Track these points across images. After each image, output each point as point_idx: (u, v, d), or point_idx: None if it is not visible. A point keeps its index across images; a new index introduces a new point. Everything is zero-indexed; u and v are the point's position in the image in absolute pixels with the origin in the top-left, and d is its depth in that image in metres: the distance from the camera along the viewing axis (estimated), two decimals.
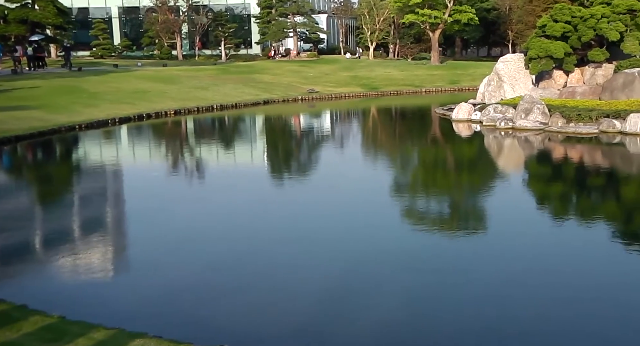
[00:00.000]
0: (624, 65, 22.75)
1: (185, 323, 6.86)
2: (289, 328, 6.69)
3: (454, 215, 11.81)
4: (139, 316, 7.02)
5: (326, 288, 7.73)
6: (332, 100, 38.26)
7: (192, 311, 7.17)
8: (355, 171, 16.32)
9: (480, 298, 7.32)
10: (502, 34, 62.20)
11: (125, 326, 6.47)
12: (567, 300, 7.21)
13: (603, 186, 13.77)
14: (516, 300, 7.25)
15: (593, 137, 19.02)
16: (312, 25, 57.65)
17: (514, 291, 7.51)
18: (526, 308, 7.00)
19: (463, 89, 40.82)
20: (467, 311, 6.97)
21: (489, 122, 22.43)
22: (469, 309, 7.04)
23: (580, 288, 7.57)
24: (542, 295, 7.35)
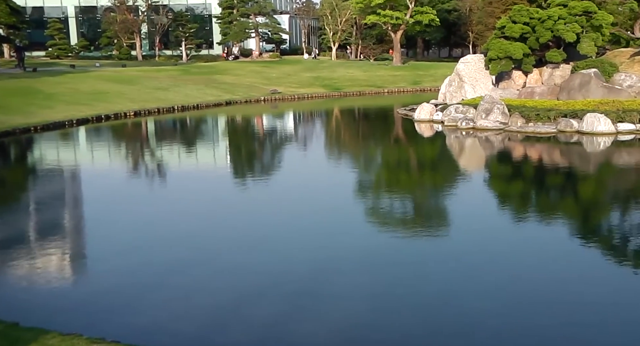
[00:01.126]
0: (581, 66, 23.25)
1: (143, 327, 6.69)
2: (249, 331, 6.54)
3: (417, 214, 11.83)
4: (97, 321, 6.80)
5: (286, 289, 7.62)
6: (295, 101, 38.14)
7: (149, 315, 6.97)
8: (319, 172, 16.24)
9: (442, 296, 7.31)
10: (462, 35, 63.15)
11: (82, 331, 6.29)
12: (527, 297, 7.26)
13: (561, 184, 14.00)
14: (478, 297, 7.26)
15: (551, 137, 19.37)
16: (274, 25, 57.44)
17: (476, 288, 7.52)
18: (487, 306, 7.01)
19: (425, 90, 41.20)
20: (429, 310, 6.95)
21: (451, 122, 22.65)
22: (431, 307, 7.02)
23: (541, 286, 7.63)
24: (503, 292, 7.39)
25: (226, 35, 56.08)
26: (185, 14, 58.27)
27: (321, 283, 7.85)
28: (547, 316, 6.71)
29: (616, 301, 7.10)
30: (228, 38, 55.92)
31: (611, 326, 6.48)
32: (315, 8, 65.96)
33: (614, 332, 6.36)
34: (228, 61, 52.79)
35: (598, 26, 23.91)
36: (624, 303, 7.02)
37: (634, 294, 7.30)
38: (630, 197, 12.41)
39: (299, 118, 32.72)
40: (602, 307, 6.94)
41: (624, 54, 24.85)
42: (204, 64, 50.23)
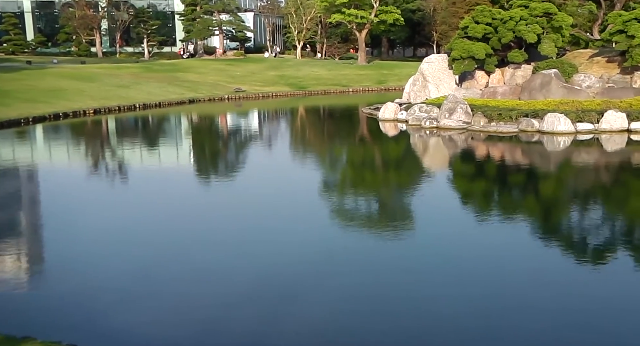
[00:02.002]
0: (542, 66, 23.58)
1: (101, 330, 6.47)
2: (212, 334, 6.35)
3: (381, 213, 11.78)
4: (52, 324, 6.54)
5: (250, 291, 7.44)
6: (260, 100, 37.86)
7: (108, 318, 6.72)
8: (283, 171, 16.09)
9: (405, 296, 7.25)
10: (427, 34, 63.66)
11: (38, 335, 6.12)
12: (489, 295, 7.24)
13: (523, 183, 14.13)
14: (440, 296, 7.21)
15: (513, 136, 19.58)
16: (238, 23, 56.95)
17: (439, 287, 7.48)
18: (451, 304, 6.96)
19: (390, 89, 41.39)
20: (392, 309, 6.86)
21: (415, 121, 22.73)
22: (395, 307, 6.93)
23: (500, 283, 7.63)
24: (467, 291, 7.36)
25: (189, 32, 55.37)
26: (147, 11, 57.33)
27: (282, 285, 7.69)
28: (509, 312, 6.70)
29: (579, 295, 7.13)
30: (191, 35, 55.22)
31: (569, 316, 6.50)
32: (280, 6, 65.56)
33: (570, 324, 6.38)
34: (184, 59, 52.03)
35: (558, 27, 24.30)
36: (584, 298, 7.05)
37: (595, 290, 7.34)
38: (589, 195, 12.58)
39: (263, 117, 32.46)
40: (560, 302, 6.96)
41: (583, 55, 25.33)
42: (167, 61, 49.51)
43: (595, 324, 6.53)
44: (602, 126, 19.18)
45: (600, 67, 23.79)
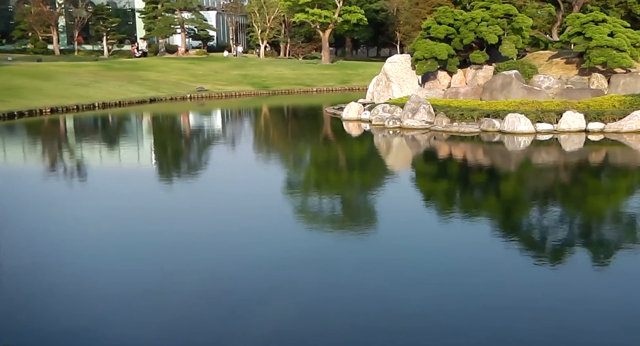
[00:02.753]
0: (502, 67, 23.89)
1: (48, 334, 6.22)
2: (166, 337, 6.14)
3: (345, 214, 11.70)
4: None
5: (210, 292, 7.24)
6: (223, 99, 37.47)
7: (56, 321, 6.44)
8: (246, 171, 15.88)
9: (368, 296, 7.17)
10: (390, 35, 64.10)
11: None
12: (455, 295, 7.21)
13: (485, 182, 14.24)
14: (404, 296, 7.15)
15: (475, 136, 19.75)
16: (200, 21, 56.31)
17: (401, 287, 7.42)
18: (417, 304, 6.91)
19: (353, 89, 41.46)
20: (356, 309, 6.77)
21: (378, 121, 22.76)
22: (358, 307, 6.84)
23: (464, 282, 7.61)
24: (430, 291, 7.33)
25: (150, 30, 54.48)
26: (106, 8, 56.17)
27: (243, 285, 7.51)
28: (467, 309, 6.67)
29: (538, 293, 7.16)
30: (152, 33, 54.37)
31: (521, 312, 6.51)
32: (243, 5, 65.11)
33: (522, 318, 6.39)
34: (137, 57, 51.05)
35: (518, 29, 24.65)
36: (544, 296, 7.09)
37: (551, 288, 7.39)
38: (549, 195, 12.74)
39: (226, 117, 32.10)
40: (520, 299, 6.98)
41: (542, 56, 25.76)
42: (127, 59, 48.62)
43: (554, 322, 6.55)
44: (561, 126, 19.50)
45: (559, 68, 24.23)
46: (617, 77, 22.69)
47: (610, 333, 6.30)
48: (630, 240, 9.46)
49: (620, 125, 19.16)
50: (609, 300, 7.07)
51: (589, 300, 7.11)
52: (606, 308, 6.87)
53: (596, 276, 7.98)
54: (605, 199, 12.38)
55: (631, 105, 20.34)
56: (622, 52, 21.76)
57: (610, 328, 6.40)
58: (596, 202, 12.23)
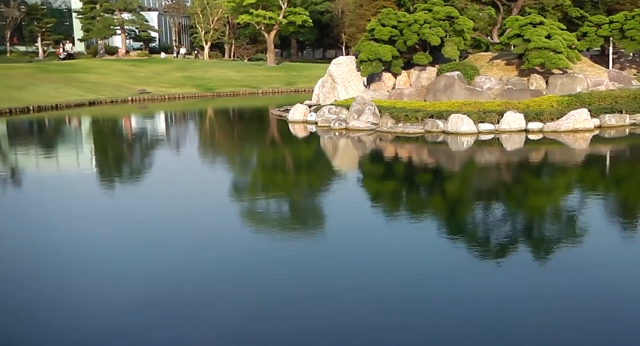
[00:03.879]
0: (445, 69, 24.23)
1: None
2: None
3: (292, 216, 11.55)
4: None
5: (158, 296, 6.94)
6: (166, 101, 36.69)
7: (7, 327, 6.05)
8: (190, 175, 15.53)
9: (315, 298, 7.06)
10: (336, 36, 64.37)
11: None
12: (401, 295, 7.17)
13: (430, 182, 14.35)
14: (353, 296, 7.07)
15: (419, 137, 19.93)
16: (141, 22, 55.07)
17: (347, 289, 7.32)
18: (362, 305, 6.82)
19: (299, 90, 41.36)
20: (301, 311, 6.62)
21: (324, 122, 22.71)
22: (302, 308, 6.70)
23: (410, 282, 7.58)
24: (374, 291, 7.30)
25: (88, 31, 52.88)
26: (40, 8, 54.16)
27: (190, 290, 7.24)
28: (414, 309, 6.63)
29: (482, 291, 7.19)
30: (91, 35, 52.80)
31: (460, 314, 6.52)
32: (186, 6, 64.05)
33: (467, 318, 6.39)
34: (61, 60, 49.18)
35: (460, 31, 25.07)
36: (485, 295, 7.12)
37: (493, 285, 7.44)
38: (492, 193, 12.92)
39: (170, 119, 31.42)
40: (465, 297, 6.99)
41: (484, 58, 26.29)
42: (64, 61, 46.99)
43: (498, 318, 6.57)
44: (502, 126, 19.89)
45: (500, 69, 24.77)
46: (554, 78, 23.35)
47: (554, 327, 6.37)
48: (570, 236, 9.66)
49: (558, 124, 19.70)
50: (551, 296, 7.16)
51: (532, 297, 7.19)
52: (549, 304, 6.95)
53: (538, 272, 8.09)
54: (545, 197, 12.65)
55: (568, 105, 20.96)
56: (559, 54, 22.41)
57: (554, 323, 6.47)
58: (537, 199, 12.48)
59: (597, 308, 6.80)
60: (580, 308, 6.84)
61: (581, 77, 23.35)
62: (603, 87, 23.45)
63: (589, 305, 6.89)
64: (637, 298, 7.05)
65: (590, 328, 6.39)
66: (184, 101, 37.54)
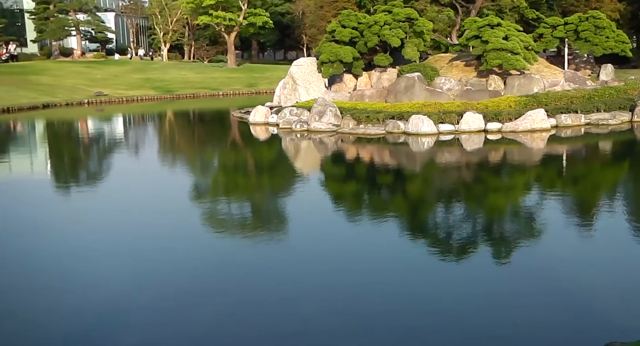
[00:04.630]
0: (406, 70, 24.35)
1: None
2: None
3: (254, 218, 11.41)
4: None
5: (113, 302, 6.71)
6: (124, 104, 35.97)
7: None
8: (150, 179, 15.22)
9: (274, 300, 6.99)
10: (297, 38, 64.23)
11: None
12: (363, 296, 7.13)
13: (391, 183, 14.37)
14: (309, 298, 7.02)
15: (381, 138, 19.97)
16: (97, 23, 53.90)
17: (309, 289, 7.25)
18: (328, 307, 6.75)
19: (260, 92, 41.08)
20: (259, 313, 6.50)
21: (286, 124, 22.56)
22: (261, 311, 6.58)
23: (371, 283, 7.55)
24: (341, 293, 7.26)
25: (42, 32, 51.47)
26: None
27: (149, 295, 7.03)
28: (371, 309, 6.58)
29: (446, 292, 7.18)
30: (45, 35, 51.42)
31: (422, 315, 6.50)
32: (144, 6, 62.97)
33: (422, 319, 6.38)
34: (3, 62, 47.40)
35: (420, 32, 25.24)
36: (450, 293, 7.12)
37: (456, 284, 7.45)
38: (452, 193, 13.00)
39: (128, 122, 30.79)
40: (426, 297, 6.98)
41: (443, 59, 26.53)
42: (16, 63, 45.63)
43: (458, 318, 6.56)
44: (462, 127, 20.08)
45: (459, 70, 25.04)
46: (512, 78, 23.72)
47: (513, 325, 6.40)
48: (529, 234, 9.76)
49: (516, 124, 19.99)
50: (510, 294, 7.22)
51: (492, 294, 7.23)
52: (508, 301, 7.01)
53: (498, 271, 8.14)
54: (504, 196, 12.79)
55: (525, 105, 21.30)
56: (516, 55, 22.76)
57: (513, 320, 6.52)
58: (497, 199, 12.60)
59: (554, 306, 6.85)
60: (538, 305, 6.88)
61: (538, 78, 23.77)
62: (559, 87, 23.93)
63: (545, 303, 6.94)
64: (595, 294, 7.14)
65: (547, 324, 6.45)
66: (142, 103, 36.88)
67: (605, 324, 6.39)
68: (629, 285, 7.39)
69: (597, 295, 7.14)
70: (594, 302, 6.94)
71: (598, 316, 6.61)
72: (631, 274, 7.77)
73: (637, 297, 7.04)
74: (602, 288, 7.33)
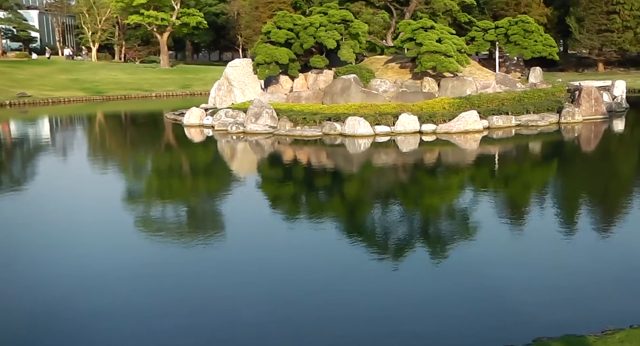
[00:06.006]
0: (342, 72, 24.36)
1: None
2: None
3: (190, 222, 11.06)
4: None
5: (48, 308, 6.25)
6: (50, 105, 34.45)
7: None
8: (80, 183, 14.60)
9: (216, 304, 6.77)
10: (232, 38, 63.48)
11: None
12: (299, 297, 7.00)
13: (329, 185, 14.27)
14: (248, 301, 6.83)
15: (317, 139, 19.87)
16: (19, 21, 51.51)
17: (250, 293, 7.02)
18: (261, 308, 6.54)
19: (195, 94, 40.30)
20: (192, 321, 6.21)
21: (221, 126, 22.14)
22: (195, 319, 6.29)
23: (310, 283, 7.40)
24: (277, 296, 7.16)
25: None
26: None
27: (83, 300, 6.61)
28: (312, 315, 6.43)
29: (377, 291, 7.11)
30: None
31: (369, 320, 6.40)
32: (70, 4, 60.64)
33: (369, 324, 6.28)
34: None
35: (355, 34, 25.31)
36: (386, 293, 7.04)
37: (391, 285, 7.39)
38: (388, 194, 13.02)
39: (55, 125, 29.45)
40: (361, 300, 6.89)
41: (379, 61, 26.73)
42: None
43: (394, 318, 6.50)
44: (398, 128, 20.23)
45: (394, 72, 25.26)
46: (446, 80, 24.13)
47: (443, 324, 6.40)
48: (462, 234, 9.85)
49: (450, 126, 20.32)
50: (440, 292, 7.30)
51: (422, 293, 7.26)
52: (438, 299, 7.05)
53: (433, 271, 8.15)
54: (439, 197, 12.91)
55: (459, 107, 21.69)
56: (450, 57, 23.16)
57: (443, 319, 6.54)
58: (431, 199, 12.70)
59: (484, 303, 6.94)
60: (467, 303, 6.94)
61: (470, 80, 24.29)
62: (491, 89, 24.53)
63: (476, 300, 7.01)
64: (523, 291, 7.21)
65: (476, 321, 6.48)
66: (70, 105, 35.43)
67: (533, 320, 6.49)
68: (556, 282, 7.55)
69: (525, 291, 7.26)
70: (523, 299, 7.05)
71: (527, 312, 6.70)
72: (558, 270, 7.96)
73: (562, 293, 7.19)
74: (530, 285, 7.46)
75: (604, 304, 6.82)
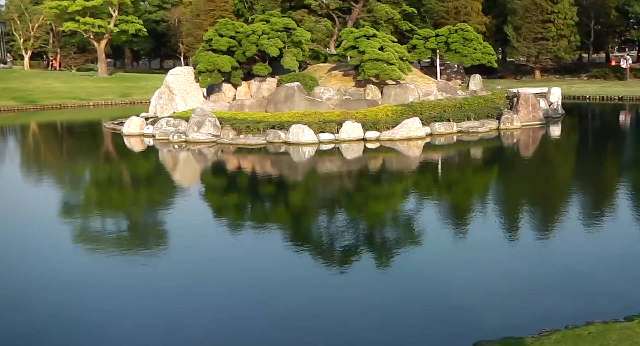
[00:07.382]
0: (285, 79, 24.23)
1: None
2: None
3: (131, 234, 10.67)
4: None
5: None
6: None
7: None
8: (13, 196, 13.87)
9: (162, 317, 6.46)
10: (173, 46, 62.47)
11: None
12: (241, 306, 6.75)
13: (273, 193, 14.09)
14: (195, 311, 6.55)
15: (262, 148, 19.66)
16: None
17: (192, 303, 6.76)
18: (203, 317, 6.28)
19: (135, 102, 39.33)
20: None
21: (162, 135, 21.63)
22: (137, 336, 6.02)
23: (255, 293, 7.21)
24: (221, 304, 7.02)
25: None
26: None
27: (20, 317, 6.21)
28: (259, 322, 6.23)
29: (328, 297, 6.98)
30: None
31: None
32: (1, 10, 58.32)
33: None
34: None
35: (298, 42, 25.25)
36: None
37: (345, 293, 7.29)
38: (335, 201, 12.94)
39: None
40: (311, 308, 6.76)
41: (322, 69, 26.75)
42: None
43: (339, 326, 6.38)
44: (342, 136, 20.24)
45: (338, 80, 25.33)
46: (388, 88, 24.35)
47: (386, 330, 6.35)
48: (408, 241, 9.86)
49: (393, 133, 20.48)
50: (384, 299, 7.27)
51: (373, 301, 7.20)
52: (382, 306, 7.04)
53: (375, 277, 8.12)
54: (384, 203, 12.94)
55: (402, 114, 21.91)
56: (392, 65, 23.38)
57: (386, 326, 6.50)
58: (376, 206, 12.70)
59: (426, 309, 6.96)
60: (410, 308, 6.94)
61: (413, 88, 24.59)
62: (432, 96, 24.91)
63: (418, 305, 7.02)
64: (464, 296, 7.24)
65: (418, 326, 6.47)
66: (0, 115, 33.92)
67: (473, 324, 6.53)
68: (496, 286, 7.64)
69: (467, 296, 7.30)
70: (464, 303, 7.09)
71: (466, 316, 6.75)
72: (498, 275, 8.06)
73: (502, 297, 7.29)
74: (472, 290, 7.51)
75: (541, 307, 6.94)
